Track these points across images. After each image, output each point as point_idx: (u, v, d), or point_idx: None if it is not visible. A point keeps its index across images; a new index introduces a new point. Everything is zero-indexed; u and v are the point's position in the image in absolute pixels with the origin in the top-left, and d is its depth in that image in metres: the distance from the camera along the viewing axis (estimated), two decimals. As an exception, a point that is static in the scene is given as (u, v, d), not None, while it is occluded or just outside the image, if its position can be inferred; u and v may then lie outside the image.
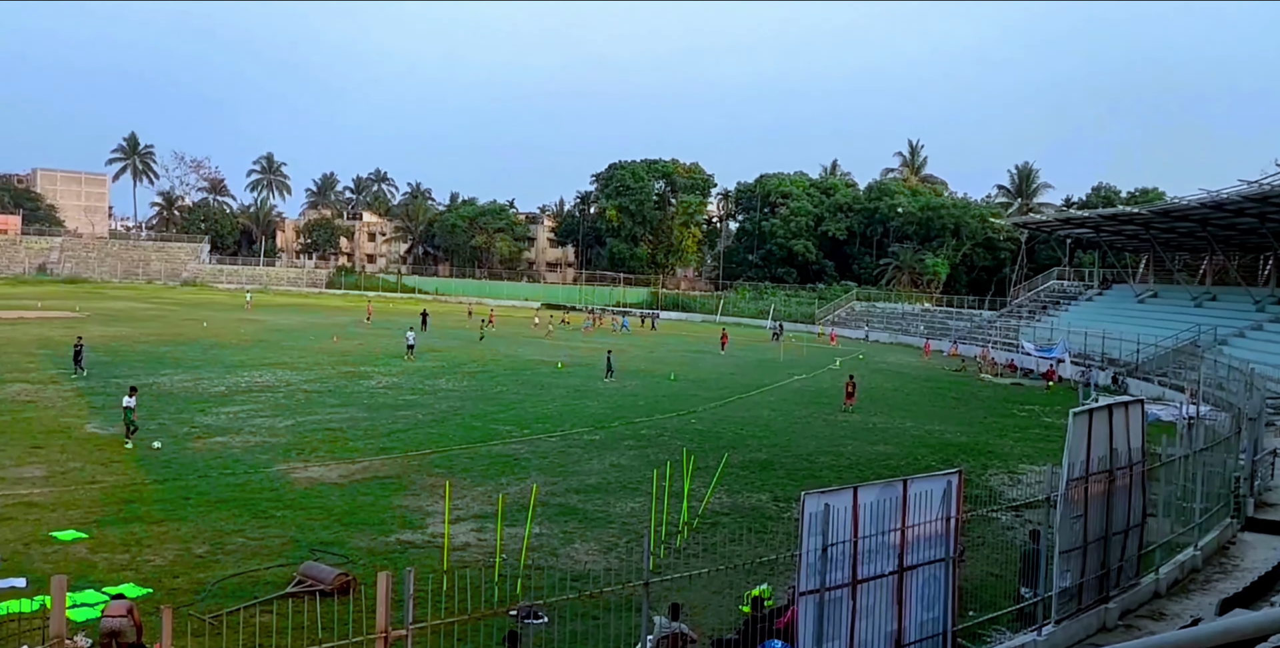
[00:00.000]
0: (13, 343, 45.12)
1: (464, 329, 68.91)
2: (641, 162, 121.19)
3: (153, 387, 33.53)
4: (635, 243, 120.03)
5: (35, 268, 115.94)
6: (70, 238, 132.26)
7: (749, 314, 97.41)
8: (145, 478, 20.91)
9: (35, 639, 12.15)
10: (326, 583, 14.28)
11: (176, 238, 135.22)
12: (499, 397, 35.64)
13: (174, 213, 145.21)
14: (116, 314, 66.67)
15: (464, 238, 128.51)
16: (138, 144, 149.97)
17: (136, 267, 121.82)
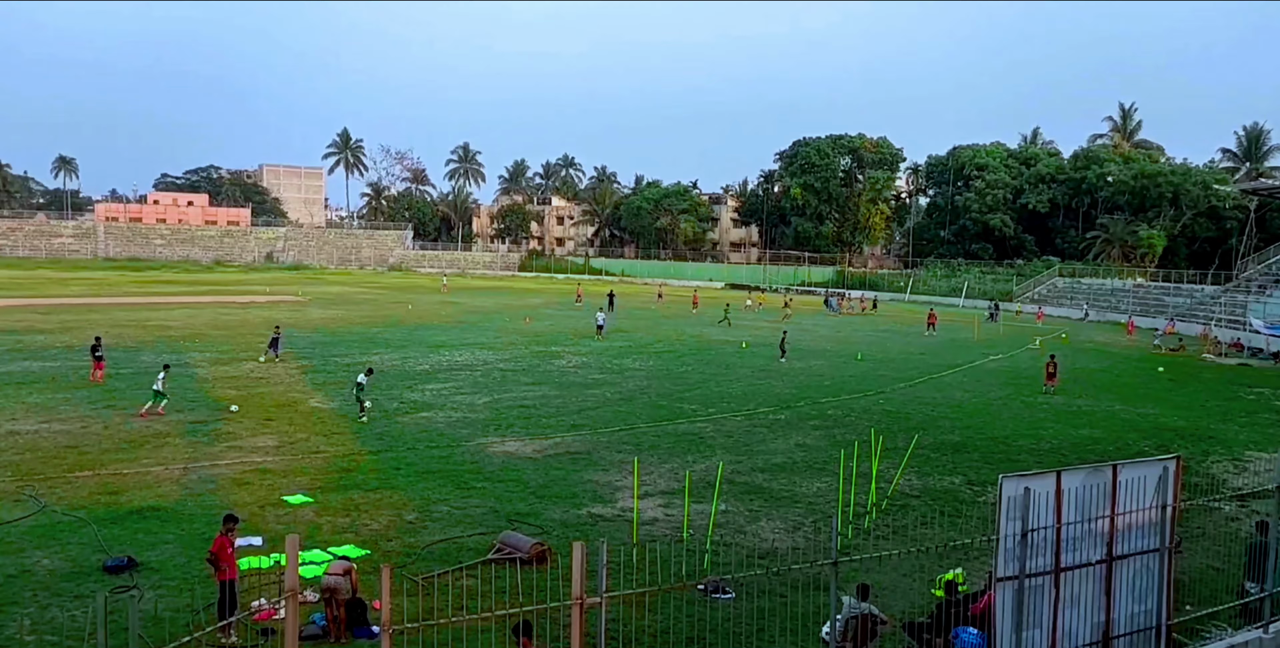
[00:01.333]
0: (246, 325, 49.37)
1: (649, 310, 70.01)
2: (827, 138, 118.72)
3: (365, 365, 35.90)
4: (820, 221, 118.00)
5: (264, 256, 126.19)
6: (293, 228, 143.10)
7: (940, 292, 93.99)
8: (362, 449, 22.51)
9: (272, 593, 13.40)
10: (524, 552, 14.97)
11: (384, 226, 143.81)
12: (684, 376, 36.07)
13: (381, 203, 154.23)
14: (333, 298, 71.72)
15: (649, 220, 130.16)
16: (350, 139, 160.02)
17: (350, 254, 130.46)
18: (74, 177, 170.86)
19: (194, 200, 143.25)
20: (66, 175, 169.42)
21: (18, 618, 12.19)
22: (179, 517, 16.83)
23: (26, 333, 42.10)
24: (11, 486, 18.28)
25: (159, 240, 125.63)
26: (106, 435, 22.88)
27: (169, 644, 9.80)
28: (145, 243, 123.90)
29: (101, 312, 53.91)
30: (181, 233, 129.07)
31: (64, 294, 67.26)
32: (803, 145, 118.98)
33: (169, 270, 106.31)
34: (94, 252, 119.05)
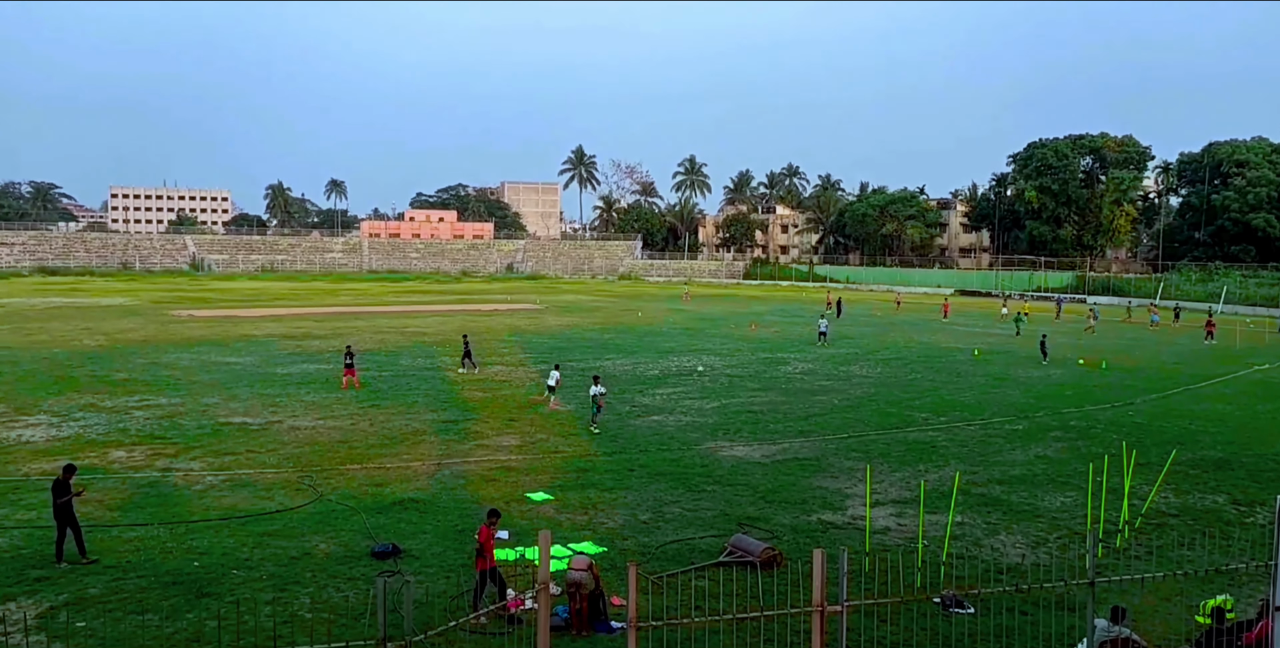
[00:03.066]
0: (490, 331, 52.44)
1: (874, 316, 68.33)
2: (1065, 138, 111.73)
3: (598, 370, 37.25)
4: (1058, 224, 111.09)
5: (504, 267, 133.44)
6: (531, 240, 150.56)
7: (1194, 297, 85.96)
8: (597, 451, 23.43)
9: (517, 584, 14.24)
10: (755, 555, 15.10)
11: (614, 237, 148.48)
12: (913, 384, 35.02)
13: (612, 215, 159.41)
14: (568, 306, 74.81)
15: (874, 226, 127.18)
16: (584, 155, 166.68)
17: (582, 264, 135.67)
18: (343, 198, 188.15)
19: (444, 216, 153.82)
20: (337, 197, 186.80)
21: (300, 596, 13.61)
22: (435, 509, 18.17)
23: (305, 339, 46.63)
24: (293, 476, 20.39)
25: (414, 254, 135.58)
26: (372, 432, 25.03)
27: (437, 628, 10.71)
28: (402, 256, 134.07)
29: (366, 319, 58.88)
30: (433, 246, 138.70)
31: (335, 303, 73.99)
32: (1038, 147, 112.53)
33: (422, 281, 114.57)
34: (360, 265, 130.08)
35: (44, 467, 20.68)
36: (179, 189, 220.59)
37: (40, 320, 54.15)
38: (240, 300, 75.22)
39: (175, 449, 22.63)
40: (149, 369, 35.41)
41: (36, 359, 37.68)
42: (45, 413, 26.78)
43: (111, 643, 11.73)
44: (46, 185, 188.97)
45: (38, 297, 74.34)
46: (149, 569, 14.61)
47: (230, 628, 12.29)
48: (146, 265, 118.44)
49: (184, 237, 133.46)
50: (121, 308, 64.92)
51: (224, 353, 40.74)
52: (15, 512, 17.45)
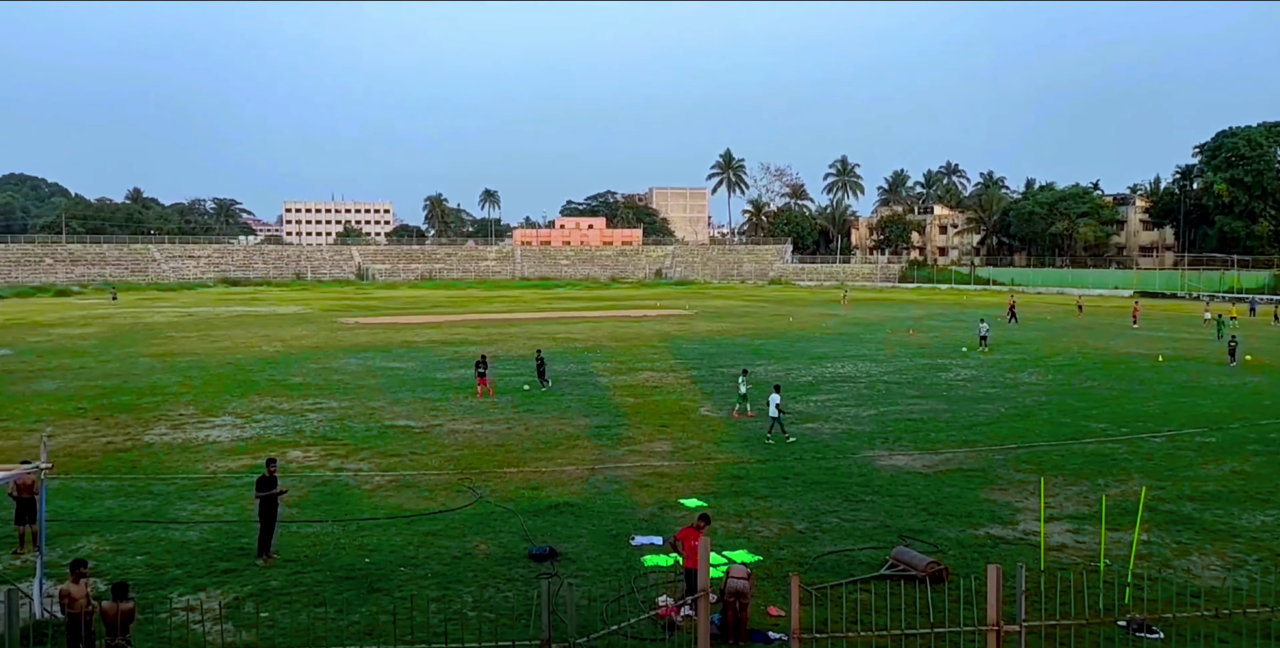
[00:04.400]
0: (640, 337, 52.83)
1: (1046, 321, 65.14)
2: (1259, 126, 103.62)
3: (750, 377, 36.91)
4: (1252, 219, 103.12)
5: (653, 273, 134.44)
6: (679, 246, 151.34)
7: None
8: (750, 458, 23.13)
9: (674, 591, 14.14)
10: (919, 569, 14.50)
11: (763, 241, 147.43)
12: (1089, 392, 33.11)
13: (761, 218, 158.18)
14: (717, 311, 74.64)
15: (1042, 225, 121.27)
16: (731, 159, 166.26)
17: (731, 268, 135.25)
18: (496, 207, 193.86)
19: (593, 223, 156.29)
20: (490, 206, 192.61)
21: (463, 595, 13.91)
22: (590, 513, 18.30)
23: (462, 345, 48.16)
24: (454, 478, 20.96)
25: (564, 260, 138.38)
26: (528, 436, 25.50)
27: (596, 631, 10.71)
28: (553, 263, 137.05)
29: (519, 326, 60.36)
30: (583, 253, 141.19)
31: (489, 310, 76.20)
32: (1228, 136, 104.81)
33: (572, 287, 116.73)
34: (512, 272, 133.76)
35: (230, 465, 22.00)
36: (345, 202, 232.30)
37: (224, 328, 57.89)
38: (401, 308, 78.46)
39: (346, 450, 23.65)
40: (321, 374, 37.24)
41: (221, 364, 40.23)
42: (230, 414, 28.50)
43: (291, 634, 12.25)
44: (228, 201, 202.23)
45: (221, 306, 79.59)
46: (325, 564, 15.25)
47: (400, 623, 12.66)
48: (317, 275, 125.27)
49: (350, 248, 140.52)
50: (295, 316, 68.73)
51: (388, 358, 42.44)
52: (204, 507, 18.57)
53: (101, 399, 30.93)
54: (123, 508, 18.46)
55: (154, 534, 16.81)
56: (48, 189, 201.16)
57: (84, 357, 42.57)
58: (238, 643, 11.93)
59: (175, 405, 29.90)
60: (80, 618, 10.98)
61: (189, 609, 13.25)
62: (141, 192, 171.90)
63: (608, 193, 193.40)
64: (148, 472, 21.34)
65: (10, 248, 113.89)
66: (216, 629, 12.55)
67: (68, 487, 19.42)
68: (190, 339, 50.71)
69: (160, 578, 14.51)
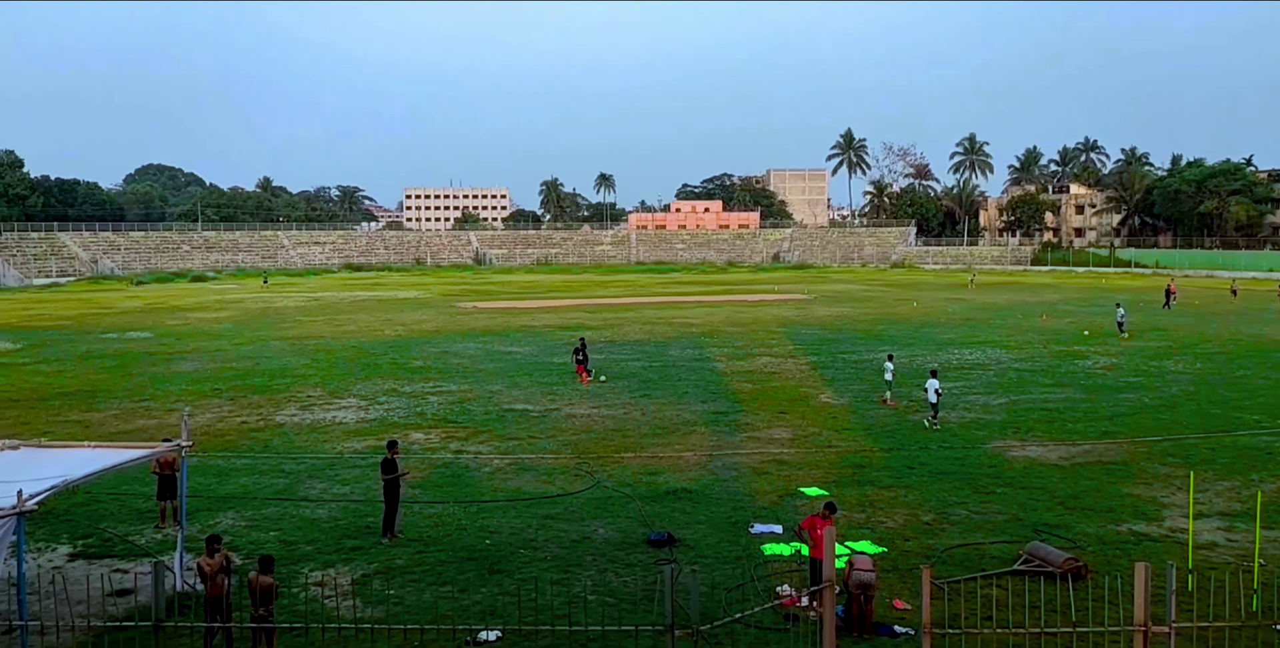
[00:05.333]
0: (758, 322, 52.23)
1: (1193, 306, 61.53)
2: None
3: (872, 363, 36.02)
4: None
5: (771, 256, 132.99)
6: (798, 229, 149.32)
7: None
8: (874, 447, 22.49)
9: (795, 581, 13.81)
10: (1055, 565, 13.81)
11: (885, 223, 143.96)
12: (1242, 381, 31.05)
13: (883, 200, 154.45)
14: (837, 296, 73.25)
15: (1189, 204, 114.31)
16: (852, 139, 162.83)
17: (852, 252, 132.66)
18: (612, 191, 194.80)
19: (709, 207, 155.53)
20: (606, 190, 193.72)
21: (582, 579, 13.88)
22: (708, 500, 18.08)
23: (578, 329, 48.38)
24: (571, 462, 21.03)
25: (680, 245, 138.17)
26: (645, 422, 25.42)
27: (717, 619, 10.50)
28: (668, 247, 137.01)
29: (635, 310, 60.47)
30: (699, 237, 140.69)
31: (605, 295, 76.64)
32: None
33: (687, 272, 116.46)
34: (627, 257, 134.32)
35: (355, 446, 22.63)
36: (463, 188, 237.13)
37: (348, 313, 59.85)
38: (518, 293, 79.66)
39: (466, 433, 24.04)
40: (440, 358, 38.04)
41: (346, 348, 41.54)
42: (355, 396, 29.36)
43: (416, 611, 12.45)
44: (351, 188, 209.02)
45: (345, 291, 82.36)
46: (447, 544, 15.49)
47: (520, 604, 12.72)
48: (436, 261, 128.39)
49: (468, 233, 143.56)
50: (416, 301, 70.55)
51: (505, 343, 43.08)
52: (332, 486, 19.13)
53: (235, 381, 32.30)
54: (257, 485, 19.19)
55: (286, 511, 17.40)
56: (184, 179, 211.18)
57: (219, 340, 44.59)
58: (365, 618, 12.17)
59: (304, 387, 30.97)
60: (218, 591, 11.37)
61: (320, 584, 13.63)
62: (271, 180, 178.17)
63: (724, 176, 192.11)
64: (279, 451, 22.14)
65: (150, 235, 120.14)
66: (346, 604, 12.86)
67: (205, 464, 20.28)
68: (316, 323, 52.58)
69: (292, 554, 14.97)
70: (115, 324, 52.34)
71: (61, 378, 33.30)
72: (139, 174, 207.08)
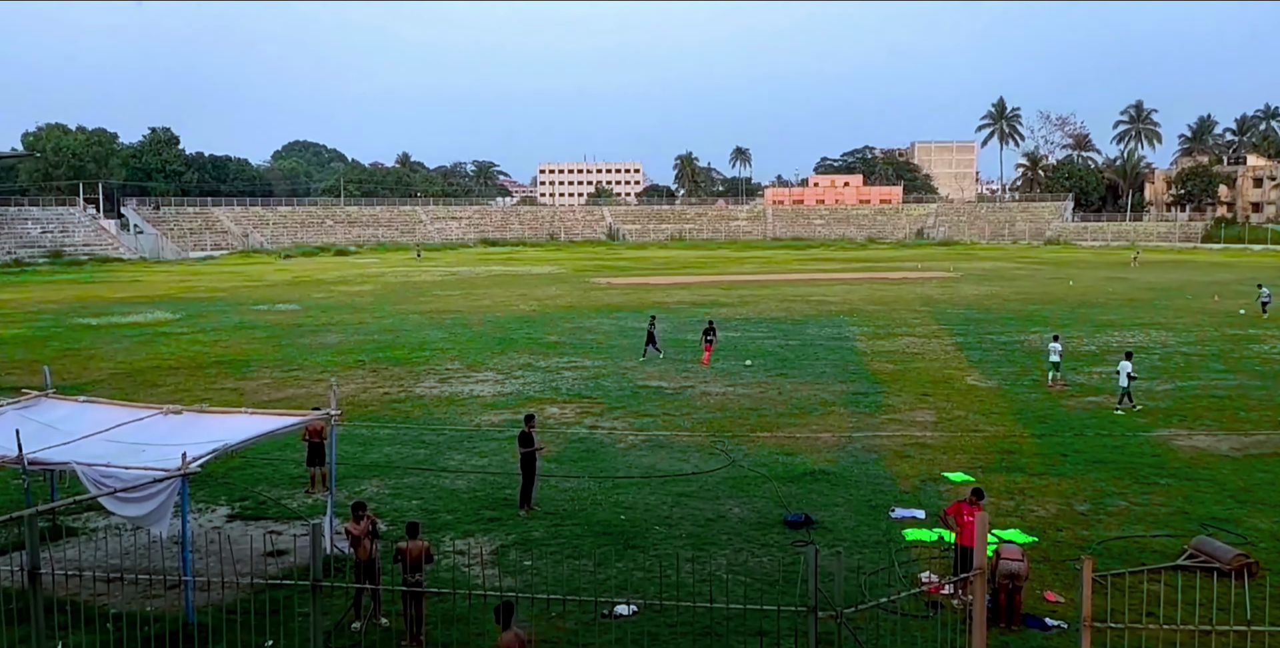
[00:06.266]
0: (899, 301, 50.74)
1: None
2: None
3: (1022, 345, 34.51)
4: None
5: (914, 233, 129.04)
6: (943, 204, 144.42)
7: None
8: (1024, 432, 21.46)
9: (936, 567, 13.29)
10: (1224, 562, 12.85)
11: (1039, 198, 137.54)
12: None
13: (1038, 173, 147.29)
14: (985, 274, 70.49)
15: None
16: (1004, 108, 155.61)
17: (1002, 228, 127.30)
18: (747, 165, 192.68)
19: (849, 181, 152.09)
20: (741, 164, 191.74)
21: (717, 557, 13.72)
22: (846, 482, 17.61)
23: (712, 306, 48.18)
24: (706, 440, 20.85)
25: (818, 220, 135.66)
26: (781, 401, 24.99)
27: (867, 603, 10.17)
28: (806, 223, 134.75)
29: (771, 288, 59.68)
30: (838, 212, 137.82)
31: (739, 271, 75.98)
32: None
33: (826, 248, 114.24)
34: (763, 233, 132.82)
35: (492, 419, 23.06)
36: (597, 163, 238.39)
37: (484, 287, 61.21)
38: (652, 269, 79.81)
39: (600, 409, 24.17)
40: (574, 333, 38.43)
41: (482, 322, 42.45)
42: (491, 370, 29.95)
43: (553, 583, 12.55)
44: (487, 164, 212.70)
45: (481, 266, 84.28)
46: (582, 519, 15.59)
47: (654, 580, 12.67)
48: (570, 236, 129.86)
49: (602, 208, 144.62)
50: (549, 276, 71.60)
51: (639, 319, 42.98)
52: (470, 458, 19.54)
53: (377, 353, 33.42)
54: (399, 455, 19.77)
55: (427, 481, 17.86)
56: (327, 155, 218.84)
57: (361, 313, 46.28)
58: (503, 588, 12.35)
59: (442, 360, 31.78)
60: (366, 555, 11.72)
61: (460, 553, 13.92)
62: (409, 156, 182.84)
63: (865, 148, 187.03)
64: (419, 422, 22.77)
65: (296, 211, 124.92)
66: (484, 573, 13.09)
67: (350, 433, 21.00)
68: (453, 297, 53.95)
69: (433, 522, 15.34)
70: (265, 296, 55.06)
71: (217, 347, 35.23)
72: (286, 150, 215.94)
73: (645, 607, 11.71)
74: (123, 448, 12.56)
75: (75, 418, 14.17)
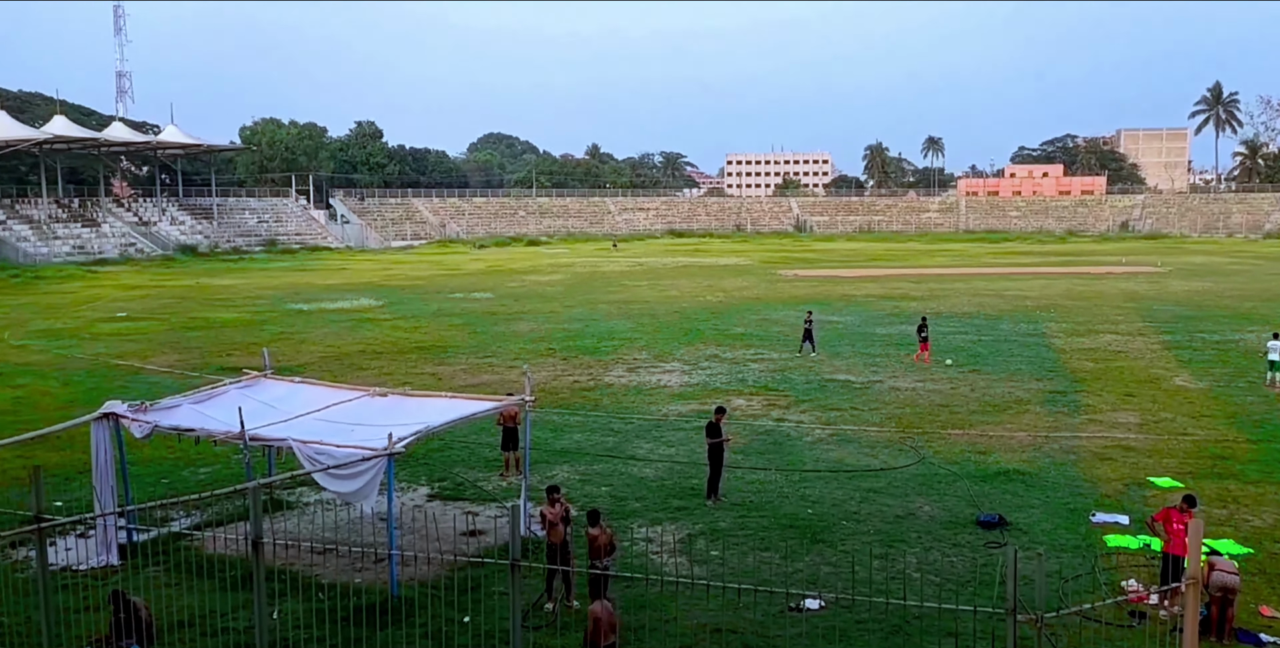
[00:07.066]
0: (1101, 296, 48.02)
1: None
2: None
3: (1238, 344, 32.11)
4: None
5: (1117, 226, 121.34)
6: (1151, 195, 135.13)
7: None
8: (1239, 436, 20.06)
9: (1141, 575, 12.72)
10: None
11: (1259, 188, 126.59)
12: None
13: (1257, 162, 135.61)
14: (1196, 269, 65.67)
15: None
16: (1221, 94, 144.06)
17: (1215, 220, 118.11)
18: (940, 155, 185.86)
19: (1048, 171, 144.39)
20: (934, 154, 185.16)
21: (906, 555, 13.58)
22: (1042, 483, 17.02)
23: (902, 300, 47.09)
24: (895, 436, 20.55)
25: (1014, 212, 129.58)
26: (973, 398, 24.26)
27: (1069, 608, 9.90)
28: (1001, 215, 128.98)
29: (963, 281, 57.63)
30: (1035, 204, 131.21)
31: (929, 265, 73.67)
32: None
33: (1022, 241, 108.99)
34: (955, 225, 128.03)
35: (679, 409, 23.48)
36: (784, 154, 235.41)
37: (671, 278, 61.91)
38: (840, 261, 78.48)
39: (787, 401, 24.18)
40: (761, 325, 38.41)
41: (669, 312, 43.03)
42: (678, 361, 30.41)
43: (740, 574, 12.75)
44: (674, 155, 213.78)
45: (667, 257, 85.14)
46: (769, 511, 15.74)
47: (842, 576, 12.70)
48: (756, 227, 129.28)
49: (789, 199, 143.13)
50: (736, 267, 71.58)
51: (826, 311, 42.62)
52: (658, 447, 20.01)
53: (567, 341, 34.49)
54: (588, 442, 20.46)
55: (615, 468, 18.43)
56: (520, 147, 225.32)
57: (551, 302, 47.76)
58: (691, 576, 12.66)
59: (630, 350, 32.49)
60: (559, 539, 12.24)
61: (648, 540, 14.35)
62: (599, 147, 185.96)
63: (1066, 137, 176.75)
64: (608, 410, 23.43)
65: (490, 201, 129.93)
66: (672, 561, 13.46)
67: (542, 419, 21.83)
68: (641, 288, 54.86)
69: (622, 509, 15.87)
70: (461, 285, 57.64)
71: (417, 333, 37.25)
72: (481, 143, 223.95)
73: (834, 602, 11.76)
74: (334, 427, 13.39)
75: (291, 398, 15.11)
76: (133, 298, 51.67)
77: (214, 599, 11.93)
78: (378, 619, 11.22)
